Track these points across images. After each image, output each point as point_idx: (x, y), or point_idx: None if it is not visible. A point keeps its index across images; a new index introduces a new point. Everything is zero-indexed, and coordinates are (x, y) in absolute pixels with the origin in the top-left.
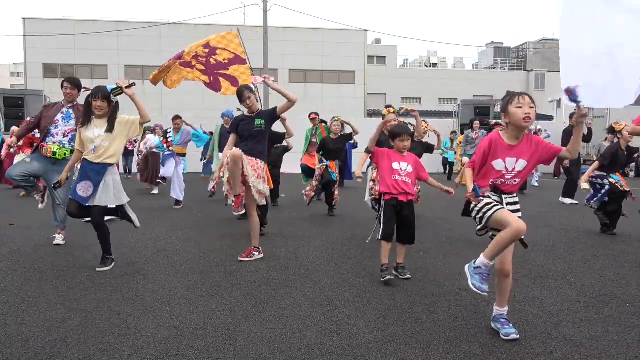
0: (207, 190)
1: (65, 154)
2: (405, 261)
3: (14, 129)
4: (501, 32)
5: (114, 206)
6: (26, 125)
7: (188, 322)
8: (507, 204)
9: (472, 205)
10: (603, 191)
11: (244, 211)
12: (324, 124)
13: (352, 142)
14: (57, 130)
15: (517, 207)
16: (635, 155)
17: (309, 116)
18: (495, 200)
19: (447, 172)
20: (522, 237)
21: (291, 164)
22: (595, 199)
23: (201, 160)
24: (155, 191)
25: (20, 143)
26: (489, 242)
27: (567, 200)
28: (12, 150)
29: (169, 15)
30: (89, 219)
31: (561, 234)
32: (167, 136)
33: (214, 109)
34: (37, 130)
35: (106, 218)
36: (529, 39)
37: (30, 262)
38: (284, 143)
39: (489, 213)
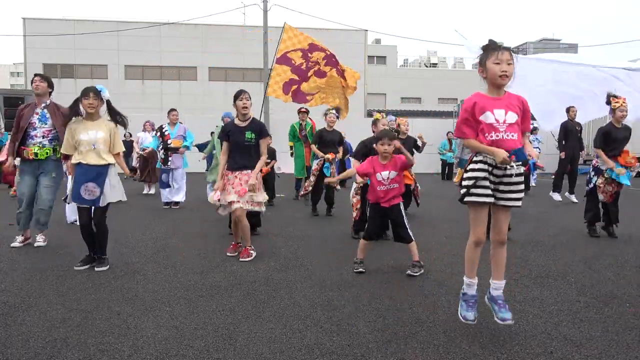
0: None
1: (47, 153)
2: (406, 261)
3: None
4: (501, 32)
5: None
6: (12, 137)
7: (188, 322)
8: (513, 174)
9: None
10: (590, 186)
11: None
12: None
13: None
14: (36, 132)
15: (521, 170)
16: None
17: (299, 110)
18: (489, 179)
19: (445, 173)
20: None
21: (291, 164)
22: (586, 188)
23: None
24: (152, 191)
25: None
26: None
27: (555, 196)
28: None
29: (169, 15)
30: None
31: (561, 234)
32: (164, 131)
33: (214, 110)
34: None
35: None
36: (529, 39)
37: (30, 262)
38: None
39: (469, 198)
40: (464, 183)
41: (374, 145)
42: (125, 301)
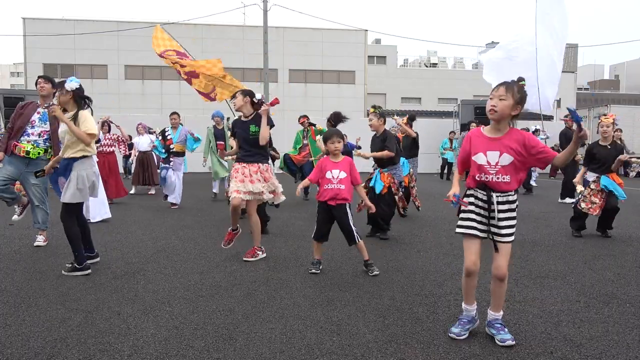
0: (212, 191)
1: (39, 153)
2: (406, 261)
3: None
4: (501, 32)
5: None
6: (6, 134)
7: (188, 322)
8: (498, 202)
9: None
10: (575, 199)
11: (230, 245)
12: (313, 126)
13: (354, 142)
14: (33, 131)
15: (513, 206)
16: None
17: (299, 120)
18: (475, 212)
19: (445, 172)
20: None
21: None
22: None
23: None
24: (152, 191)
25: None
26: (489, 241)
27: (568, 200)
28: None
29: (169, 15)
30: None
31: (561, 234)
32: (166, 135)
33: (214, 109)
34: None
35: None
36: None
37: (30, 262)
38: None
39: (458, 230)
40: (460, 215)
41: (324, 144)
42: (125, 301)
